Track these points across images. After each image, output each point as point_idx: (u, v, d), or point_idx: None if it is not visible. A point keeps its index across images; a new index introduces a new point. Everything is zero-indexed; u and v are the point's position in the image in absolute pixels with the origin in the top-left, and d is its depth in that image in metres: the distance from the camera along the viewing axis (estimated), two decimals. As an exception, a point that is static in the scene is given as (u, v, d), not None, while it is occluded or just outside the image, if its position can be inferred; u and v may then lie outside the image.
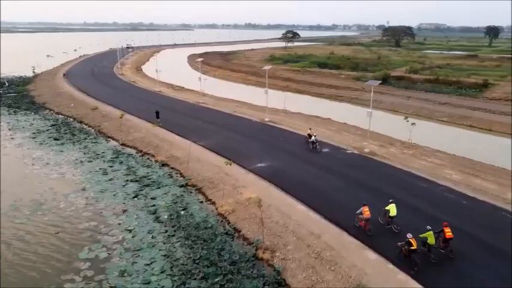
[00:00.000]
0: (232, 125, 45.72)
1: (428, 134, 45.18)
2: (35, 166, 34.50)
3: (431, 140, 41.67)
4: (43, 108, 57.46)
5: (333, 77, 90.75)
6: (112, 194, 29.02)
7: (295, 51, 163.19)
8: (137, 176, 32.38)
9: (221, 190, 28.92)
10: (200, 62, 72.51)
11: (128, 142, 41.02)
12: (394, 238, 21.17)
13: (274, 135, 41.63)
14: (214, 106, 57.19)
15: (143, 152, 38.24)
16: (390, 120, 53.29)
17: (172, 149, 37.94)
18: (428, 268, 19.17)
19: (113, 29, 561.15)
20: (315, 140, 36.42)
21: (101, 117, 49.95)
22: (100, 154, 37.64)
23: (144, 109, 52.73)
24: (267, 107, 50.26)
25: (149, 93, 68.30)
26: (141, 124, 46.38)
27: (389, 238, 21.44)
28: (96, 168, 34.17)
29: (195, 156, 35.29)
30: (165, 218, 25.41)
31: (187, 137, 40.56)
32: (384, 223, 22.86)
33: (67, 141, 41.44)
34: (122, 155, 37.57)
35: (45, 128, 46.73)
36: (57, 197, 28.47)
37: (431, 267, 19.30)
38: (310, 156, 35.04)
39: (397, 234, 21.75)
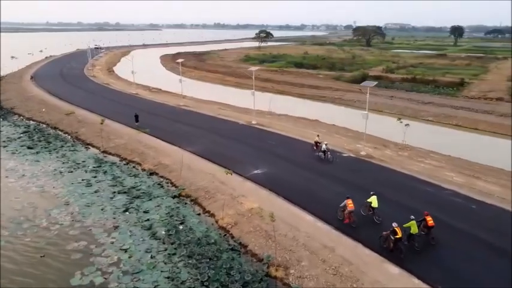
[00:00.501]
0: (218, 129, 43.82)
1: (418, 135, 44.60)
2: (9, 179, 31.48)
3: (421, 140, 41.19)
4: (11, 113, 53.58)
5: (311, 77, 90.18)
6: (100, 208, 26.61)
7: (269, 51, 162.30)
8: (125, 186, 30.03)
9: (219, 200, 27.09)
10: (180, 63, 69.76)
11: (109, 149, 38.39)
12: (377, 228, 22.02)
13: (265, 139, 40.04)
14: (196, 109, 55.04)
15: (128, 160, 35.78)
16: (377, 120, 52.62)
17: (159, 156, 35.69)
18: (412, 255, 20.09)
19: (77, 29, 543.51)
20: (326, 149, 33.59)
21: (77, 123, 46.86)
22: (80, 163, 34.91)
23: (122, 113, 50.06)
24: (254, 109, 48.50)
25: (125, 95, 65.25)
26: (121, 129, 43.74)
27: (372, 229, 22.33)
28: (78, 179, 31.52)
29: (185, 163, 33.20)
30: (163, 234, 23.33)
31: (174, 143, 38.46)
32: (366, 214, 23.76)
33: (42, 150, 38.35)
34: (104, 163, 34.98)
35: (16, 135, 43.30)
36: (38, 213, 25.81)
37: (415, 255, 20.21)
38: (307, 160, 33.68)
39: (379, 225, 22.56)
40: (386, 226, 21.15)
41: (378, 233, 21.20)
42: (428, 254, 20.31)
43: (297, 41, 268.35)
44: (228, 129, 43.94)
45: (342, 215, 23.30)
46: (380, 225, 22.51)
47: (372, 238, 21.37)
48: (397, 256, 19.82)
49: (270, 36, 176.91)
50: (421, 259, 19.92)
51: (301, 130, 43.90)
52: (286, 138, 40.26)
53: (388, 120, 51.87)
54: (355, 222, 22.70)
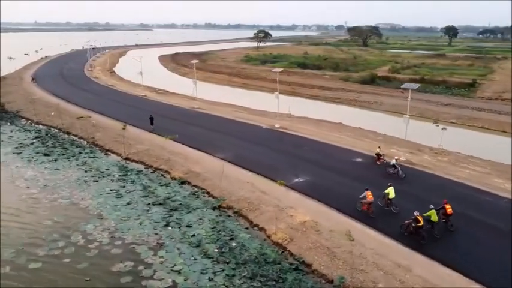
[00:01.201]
0: (242, 133, 41.93)
1: (447, 138, 43.12)
2: (32, 189, 29.21)
3: (453, 144, 39.66)
4: (18, 117, 51.00)
5: (317, 77, 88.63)
6: (137, 223, 24.54)
7: (267, 51, 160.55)
8: (159, 197, 27.97)
9: (265, 213, 25.23)
10: (194, 65, 67.68)
11: (132, 156, 36.22)
12: (395, 218, 23.41)
13: (295, 144, 38.25)
14: (210, 111, 53.01)
15: (154, 168, 33.68)
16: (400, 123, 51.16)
17: (187, 163, 33.65)
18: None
19: (66, 29, 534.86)
20: (396, 164, 29.92)
21: (90, 127, 44.51)
22: (104, 172, 32.72)
23: (135, 116, 48.03)
24: (277, 113, 46.65)
25: (134, 98, 62.93)
26: (140, 134, 41.57)
27: (391, 218, 23.57)
28: (105, 189, 29.37)
29: (218, 171, 31.25)
30: (215, 252, 21.37)
31: (200, 149, 36.46)
32: (383, 205, 24.69)
33: (60, 157, 36.03)
34: (130, 171, 32.85)
35: (29, 141, 40.88)
36: (71, 229, 23.65)
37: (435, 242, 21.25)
38: (347, 167, 31.97)
39: (397, 214, 23.77)
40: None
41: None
42: (447, 240, 21.48)
43: (292, 41, 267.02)
44: (253, 133, 42.07)
45: (360, 206, 24.46)
46: (398, 215, 23.81)
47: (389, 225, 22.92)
48: (418, 242, 21.01)
49: (268, 36, 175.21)
50: (441, 245, 21.10)
51: (328, 134, 42.19)
52: (317, 144, 38.51)
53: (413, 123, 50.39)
54: (373, 213, 23.87)
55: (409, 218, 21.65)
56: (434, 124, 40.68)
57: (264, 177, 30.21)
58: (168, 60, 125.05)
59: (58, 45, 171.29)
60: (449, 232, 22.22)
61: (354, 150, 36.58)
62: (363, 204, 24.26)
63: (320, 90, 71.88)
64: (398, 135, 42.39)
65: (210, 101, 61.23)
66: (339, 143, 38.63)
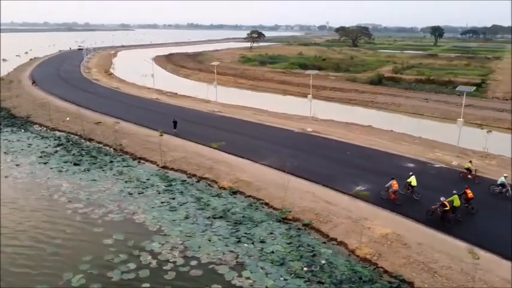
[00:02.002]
0: (276, 138, 40.39)
1: (481, 141, 42.41)
2: (75, 204, 27.00)
3: (490, 146, 38.84)
4: (30, 123, 48.22)
5: (322, 78, 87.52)
6: (205, 239, 22.73)
7: (261, 51, 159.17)
8: (216, 210, 26.18)
9: (339, 225, 23.79)
10: (215, 67, 65.15)
11: (169, 164, 34.22)
12: (417, 204, 25.30)
13: (336, 149, 36.96)
14: (232, 114, 51.23)
15: (199, 177, 31.79)
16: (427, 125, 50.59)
17: (233, 171, 31.90)
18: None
19: (44, 30, 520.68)
20: (505, 183, 26.38)
21: (113, 133, 42.19)
22: (146, 182, 30.68)
23: (154, 120, 46.59)
24: (310, 116, 45.32)
25: (145, 101, 60.58)
26: (170, 140, 39.54)
27: (414, 204, 25.45)
28: (155, 201, 27.40)
29: (270, 179, 29.68)
30: (304, 271, 19.78)
31: (240, 155, 34.79)
32: (405, 193, 26.29)
33: (92, 167, 33.74)
34: (173, 181, 30.90)
35: (51, 149, 38.40)
36: (136, 248, 21.66)
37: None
38: (402, 174, 30.70)
39: (418, 201, 25.56)
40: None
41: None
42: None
43: (280, 41, 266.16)
44: (287, 138, 40.59)
45: (386, 194, 25.99)
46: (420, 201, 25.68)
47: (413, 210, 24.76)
48: (444, 225, 22.79)
49: (262, 37, 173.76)
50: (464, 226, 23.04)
51: (364, 138, 41.02)
52: (359, 148, 37.28)
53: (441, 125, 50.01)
54: (399, 200, 25.46)
55: (434, 204, 23.45)
56: (480, 128, 39.76)
57: (321, 185, 28.75)
58: (164, 62, 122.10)
59: (47, 46, 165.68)
60: (471, 214, 24.18)
61: (400, 154, 35.50)
62: (388, 192, 25.72)
63: (333, 92, 70.87)
64: (432, 138, 41.75)
65: (225, 103, 59.30)
66: (380, 147, 37.50)
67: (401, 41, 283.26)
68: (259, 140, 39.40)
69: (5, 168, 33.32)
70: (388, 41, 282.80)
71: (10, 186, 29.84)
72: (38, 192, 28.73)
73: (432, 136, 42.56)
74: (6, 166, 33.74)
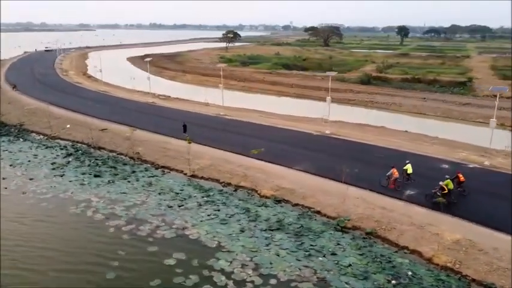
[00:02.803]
0: (297, 141, 39.38)
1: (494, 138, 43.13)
2: (115, 221, 24.88)
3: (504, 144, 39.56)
4: (26, 131, 44.84)
5: (309, 78, 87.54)
6: (273, 254, 21.41)
7: (237, 51, 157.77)
8: (270, 221, 24.85)
9: (405, 232, 23.12)
10: (221, 69, 62.49)
11: (198, 173, 32.46)
12: (415, 189, 27.49)
13: (363, 151, 36.48)
14: (239, 117, 49.78)
15: (235, 186, 30.29)
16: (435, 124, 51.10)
17: (270, 178, 30.63)
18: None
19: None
20: None
21: (124, 141, 39.84)
22: (181, 193, 28.86)
23: (163, 125, 44.75)
24: (329, 118, 44.47)
25: (142, 104, 58.00)
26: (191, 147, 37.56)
27: (411, 189, 27.63)
28: (200, 214, 25.74)
29: (313, 185, 28.68)
30: (393, 285, 18.88)
31: (269, 160, 33.55)
32: (401, 180, 28.24)
33: (115, 178, 31.46)
34: (210, 191, 29.25)
35: (60, 159, 35.66)
36: (205, 268, 20.04)
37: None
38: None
39: (415, 186, 27.77)
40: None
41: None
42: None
43: (251, 41, 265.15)
44: (308, 141, 39.75)
45: (386, 182, 27.93)
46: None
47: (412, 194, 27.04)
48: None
49: (238, 37, 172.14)
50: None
51: (383, 139, 40.76)
52: (384, 150, 36.73)
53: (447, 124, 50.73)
54: (399, 187, 27.67)
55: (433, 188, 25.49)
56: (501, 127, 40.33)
57: (368, 190, 28.00)
58: (142, 63, 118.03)
59: (11, 48, 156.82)
60: (462, 196, 26.46)
61: (427, 155, 35.35)
62: (389, 180, 27.69)
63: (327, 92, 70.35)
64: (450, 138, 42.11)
65: (226, 106, 57.57)
66: (405, 149, 37.19)
67: (368, 41, 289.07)
68: (281, 144, 38.23)
69: (19, 183, 30.49)
70: (355, 40, 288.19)
71: (34, 203, 27.24)
72: (68, 209, 26.33)
73: (445, 135, 42.90)
74: (20, 181, 30.88)
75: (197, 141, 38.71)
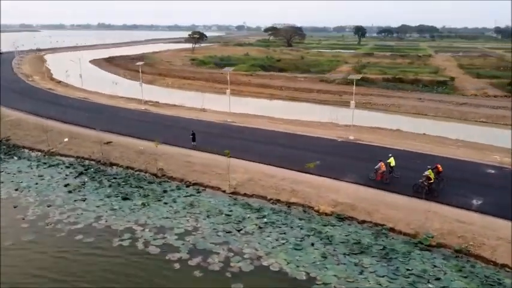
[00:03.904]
0: (324, 149, 37.22)
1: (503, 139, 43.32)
2: (174, 253, 21.59)
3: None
4: (15, 147, 39.61)
5: (290, 80, 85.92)
6: (374, 283, 19.23)
7: (205, 52, 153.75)
8: (347, 244, 22.57)
9: (496, 247, 21.82)
10: (228, 74, 58.91)
11: (240, 189, 29.53)
12: (400, 181, 28.96)
13: (400, 158, 34.70)
14: (247, 124, 47.10)
15: (286, 203, 27.70)
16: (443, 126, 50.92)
17: (321, 192, 28.36)
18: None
19: None
20: None
21: (138, 155, 36.02)
22: (231, 215, 25.92)
23: (168, 135, 41.31)
24: (351, 124, 42.80)
25: (134, 112, 53.65)
26: (214, 158, 34.51)
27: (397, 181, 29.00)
28: (267, 239, 23.04)
29: (368, 199, 26.78)
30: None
31: (311, 172, 31.16)
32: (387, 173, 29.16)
33: (148, 200, 27.89)
34: (262, 211, 26.53)
35: (72, 180, 31.39)
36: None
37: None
38: (495, 182, 29.64)
39: (399, 178, 29.24)
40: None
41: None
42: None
43: (211, 41, 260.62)
44: (336, 148, 37.84)
45: (374, 176, 29.16)
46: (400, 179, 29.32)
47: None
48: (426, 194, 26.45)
49: (204, 38, 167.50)
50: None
51: (407, 142, 39.65)
52: (416, 155, 35.41)
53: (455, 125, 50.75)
54: (387, 179, 28.85)
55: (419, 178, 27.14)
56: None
57: (432, 201, 26.41)
58: (110, 66, 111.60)
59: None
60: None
61: (463, 159, 34.56)
62: (377, 174, 28.88)
63: (321, 94, 69.28)
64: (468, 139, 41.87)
65: (225, 111, 54.49)
66: (436, 153, 36.11)
67: (326, 41, 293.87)
68: (311, 153, 35.78)
69: (37, 211, 26.21)
70: (314, 40, 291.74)
71: (68, 235, 23.26)
72: (112, 242, 22.62)
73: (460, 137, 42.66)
74: (37, 209, 26.56)
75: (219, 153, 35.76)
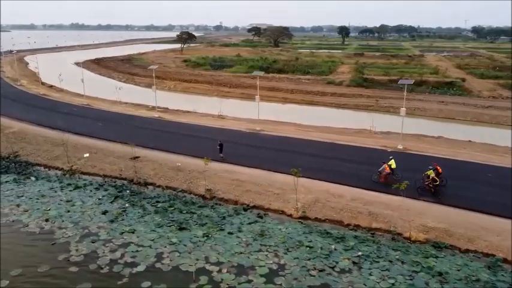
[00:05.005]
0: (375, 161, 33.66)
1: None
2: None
3: None
4: (27, 164, 34.70)
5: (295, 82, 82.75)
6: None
7: (194, 53, 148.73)
8: (467, 282, 19.26)
9: None
10: (258, 78, 55.52)
11: (309, 213, 25.87)
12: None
13: (469, 171, 32.07)
14: (277, 132, 43.58)
15: (368, 229, 24.24)
16: (478, 131, 48.59)
17: (404, 215, 24.91)
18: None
19: None
20: None
21: (176, 172, 31.90)
22: (313, 247, 22.18)
23: (197, 147, 37.43)
24: (401, 133, 39.61)
25: (149, 120, 49.22)
26: (265, 175, 30.76)
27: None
28: (371, 279, 19.52)
29: (456, 220, 23.74)
30: None
31: (384, 191, 27.85)
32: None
33: (209, 230, 23.85)
34: (344, 240, 22.92)
35: (109, 205, 27.09)
36: None
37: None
38: None
39: (400, 180, 26.07)
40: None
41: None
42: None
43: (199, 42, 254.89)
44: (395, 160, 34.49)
45: (377, 178, 29.07)
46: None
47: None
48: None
49: (193, 39, 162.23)
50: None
51: (457, 152, 36.96)
52: (487, 167, 32.76)
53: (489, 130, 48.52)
54: (390, 182, 27.87)
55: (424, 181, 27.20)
56: None
57: None
58: (99, 68, 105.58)
59: None
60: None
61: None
62: (380, 176, 28.89)
63: (336, 98, 66.21)
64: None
65: (246, 118, 50.69)
66: (494, 162, 33.73)
67: (308, 41, 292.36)
68: (365, 165, 32.35)
69: (82, 248, 21.85)
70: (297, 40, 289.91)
71: (132, 282, 19.10)
72: (189, 286, 18.59)
73: (506, 143, 40.35)
74: (80, 246, 22.15)
75: (263, 167, 32.16)
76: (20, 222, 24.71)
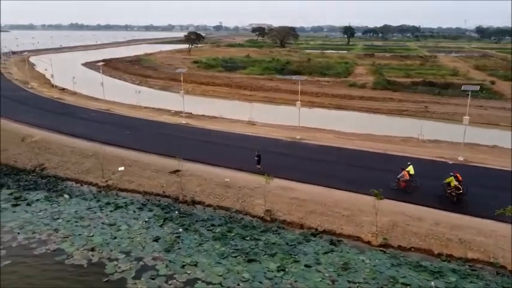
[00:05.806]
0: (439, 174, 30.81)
1: None
2: None
3: None
4: (56, 179, 31.41)
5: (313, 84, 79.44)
6: None
7: (202, 54, 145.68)
8: None
9: None
10: (299, 82, 52.71)
11: (391, 240, 22.76)
12: (421, 190, 27.24)
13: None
14: (318, 141, 40.46)
15: (464, 261, 21.13)
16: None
17: (500, 241, 21.91)
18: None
19: None
20: None
21: (224, 189, 28.74)
22: (413, 284, 19.14)
23: (237, 158, 34.26)
24: (463, 142, 36.64)
25: (177, 127, 46.04)
26: (325, 193, 27.64)
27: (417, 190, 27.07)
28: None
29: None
30: None
31: (468, 212, 24.78)
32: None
33: (282, 261, 20.80)
34: (444, 275, 19.87)
35: (157, 230, 23.99)
36: None
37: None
38: None
39: (419, 187, 27.37)
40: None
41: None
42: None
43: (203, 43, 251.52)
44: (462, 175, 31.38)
45: (396, 185, 27.69)
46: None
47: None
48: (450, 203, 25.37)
49: (201, 39, 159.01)
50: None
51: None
52: None
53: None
54: (410, 188, 27.29)
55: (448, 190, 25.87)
56: None
57: None
58: (109, 70, 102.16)
59: None
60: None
61: None
62: (400, 182, 27.60)
63: (365, 101, 63.14)
64: None
65: (278, 125, 47.57)
66: None
67: (312, 41, 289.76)
68: (430, 180, 29.35)
69: None
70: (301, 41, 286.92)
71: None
72: None
73: None
74: (140, 284, 19.03)
75: (320, 183, 29.05)
76: (63, 252, 21.49)
